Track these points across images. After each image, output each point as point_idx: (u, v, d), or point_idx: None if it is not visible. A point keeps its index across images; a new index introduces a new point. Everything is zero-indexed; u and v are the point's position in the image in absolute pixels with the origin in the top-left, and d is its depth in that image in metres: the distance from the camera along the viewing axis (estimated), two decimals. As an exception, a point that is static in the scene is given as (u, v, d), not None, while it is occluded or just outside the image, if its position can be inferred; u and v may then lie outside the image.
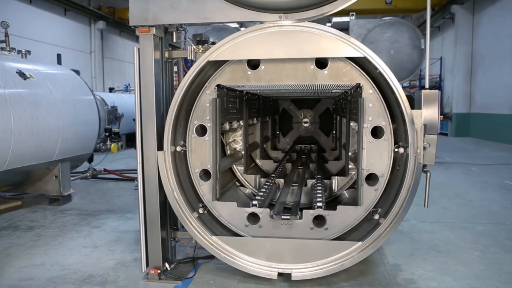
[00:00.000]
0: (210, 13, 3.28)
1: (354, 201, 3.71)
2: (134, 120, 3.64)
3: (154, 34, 3.43)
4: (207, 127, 3.64)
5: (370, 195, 3.46)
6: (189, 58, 3.65)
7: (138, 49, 3.47)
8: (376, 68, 3.19)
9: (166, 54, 3.68)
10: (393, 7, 16.77)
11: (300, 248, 3.48)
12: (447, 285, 3.56)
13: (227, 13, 3.25)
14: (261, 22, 3.29)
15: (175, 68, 4.18)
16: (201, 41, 3.69)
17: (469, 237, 4.79)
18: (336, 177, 4.60)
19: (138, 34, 3.44)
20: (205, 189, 3.68)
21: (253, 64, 3.50)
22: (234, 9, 3.23)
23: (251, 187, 4.73)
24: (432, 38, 20.63)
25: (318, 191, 3.93)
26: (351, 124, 4.60)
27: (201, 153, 3.67)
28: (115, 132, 9.67)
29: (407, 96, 3.22)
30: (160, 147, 3.54)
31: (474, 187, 7.61)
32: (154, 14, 3.35)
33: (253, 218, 3.61)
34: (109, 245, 4.60)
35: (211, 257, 3.84)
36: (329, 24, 3.71)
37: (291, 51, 3.25)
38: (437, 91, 3.24)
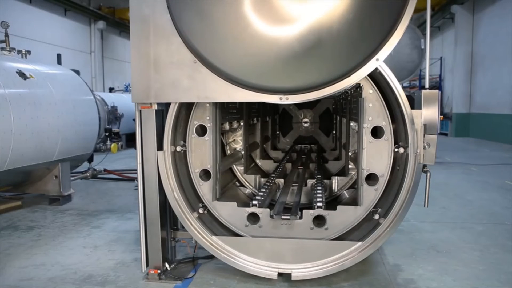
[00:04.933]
0: (211, 92, 3.26)
1: (354, 201, 3.71)
2: (134, 120, 3.64)
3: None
4: (207, 127, 3.64)
5: (370, 195, 3.46)
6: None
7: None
8: (376, 68, 3.19)
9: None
10: (393, 7, 16.74)
11: (300, 248, 3.48)
12: (447, 285, 3.56)
13: (229, 93, 3.24)
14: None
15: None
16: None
17: (469, 237, 4.79)
18: (336, 177, 4.60)
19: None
20: (205, 189, 3.68)
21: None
22: (235, 90, 3.21)
23: (251, 187, 4.73)
24: (432, 38, 20.63)
25: (318, 191, 3.92)
26: (351, 124, 4.60)
27: (201, 153, 3.67)
28: (115, 132, 9.67)
29: (407, 96, 3.23)
30: (160, 147, 3.55)
31: (474, 187, 7.61)
32: (156, 92, 3.35)
33: (253, 218, 3.61)
34: (109, 245, 4.60)
35: (211, 257, 3.84)
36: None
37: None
38: (437, 91, 3.24)
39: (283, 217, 3.47)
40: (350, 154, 4.63)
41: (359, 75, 3.04)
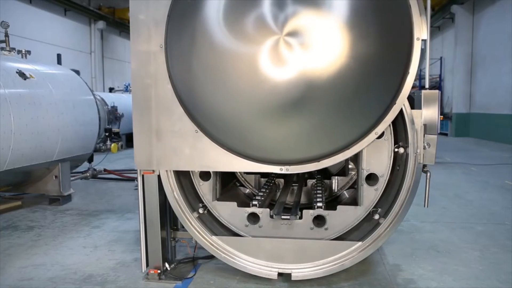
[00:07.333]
0: (212, 162, 3.33)
1: (354, 201, 3.71)
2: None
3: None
4: (207, 127, 3.64)
5: (370, 195, 3.46)
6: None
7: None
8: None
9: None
10: (393, 7, 16.74)
11: (300, 248, 3.48)
12: (447, 285, 3.56)
13: (230, 163, 3.30)
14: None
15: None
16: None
17: (469, 237, 4.79)
18: (336, 177, 4.59)
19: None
20: (205, 189, 3.68)
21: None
22: (237, 160, 3.28)
23: (251, 187, 4.73)
24: (432, 38, 20.51)
25: (318, 191, 3.92)
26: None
27: (201, 153, 3.67)
28: (115, 132, 9.69)
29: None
30: (160, 147, 3.55)
31: (474, 187, 7.61)
32: (158, 159, 3.42)
33: (253, 218, 3.61)
34: (109, 245, 4.60)
35: (211, 257, 3.84)
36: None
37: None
38: (437, 91, 3.24)
39: (283, 217, 3.47)
40: (350, 154, 4.61)
41: (357, 148, 3.18)
